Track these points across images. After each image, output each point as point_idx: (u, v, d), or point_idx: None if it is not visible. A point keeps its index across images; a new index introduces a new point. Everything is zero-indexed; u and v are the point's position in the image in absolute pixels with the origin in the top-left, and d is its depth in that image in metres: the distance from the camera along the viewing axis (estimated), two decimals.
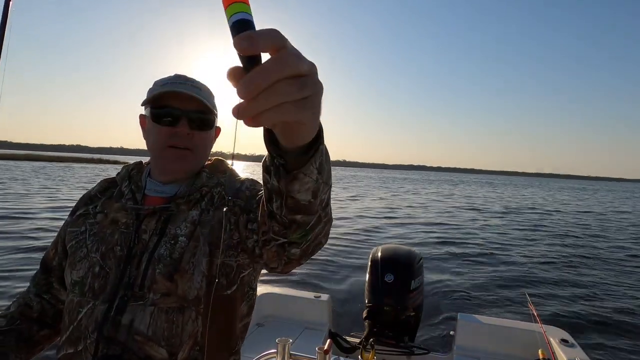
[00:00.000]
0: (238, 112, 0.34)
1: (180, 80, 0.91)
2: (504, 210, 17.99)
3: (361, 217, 13.45)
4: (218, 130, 1.03)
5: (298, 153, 0.52)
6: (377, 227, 11.33)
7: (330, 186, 0.63)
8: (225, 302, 0.87)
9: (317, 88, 0.39)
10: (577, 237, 11.17)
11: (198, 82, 0.94)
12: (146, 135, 0.95)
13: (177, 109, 0.89)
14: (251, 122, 0.35)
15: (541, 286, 6.04)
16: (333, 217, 0.73)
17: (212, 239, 0.87)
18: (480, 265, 7.13)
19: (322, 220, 0.67)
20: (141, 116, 0.97)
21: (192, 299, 0.82)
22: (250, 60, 0.36)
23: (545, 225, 13.42)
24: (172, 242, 0.86)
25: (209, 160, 1.05)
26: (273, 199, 0.61)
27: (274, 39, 0.35)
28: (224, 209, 0.89)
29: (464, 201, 22.80)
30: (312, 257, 0.76)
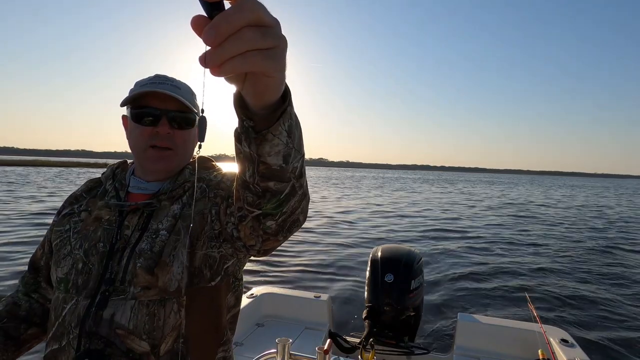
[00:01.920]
0: (205, 60, 0.35)
1: (159, 80, 0.92)
2: (505, 209, 17.98)
3: (361, 216, 13.47)
4: None
5: (266, 114, 0.53)
6: (377, 226, 11.33)
7: (303, 155, 0.64)
8: (209, 293, 0.88)
9: (282, 41, 0.40)
10: (577, 235, 11.16)
11: (178, 81, 0.95)
12: (128, 135, 0.96)
13: (156, 108, 0.90)
14: (217, 70, 0.36)
15: (541, 286, 6.04)
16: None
17: (192, 231, 0.87)
18: (480, 265, 7.13)
19: (297, 192, 0.66)
20: (123, 117, 0.98)
21: (173, 291, 0.83)
22: (213, 7, 0.36)
23: (545, 224, 13.42)
24: (154, 236, 0.86)
25: (193, 157, 1.06)
26: (246, 167, 0.62)
27: None
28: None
29: (465, 200, 22.79)
30: (291, 235, 0.75)
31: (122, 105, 0.94)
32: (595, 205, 23.53)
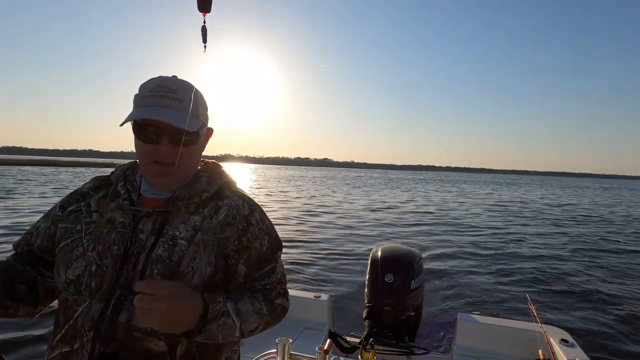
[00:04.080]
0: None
1: (161, 92, 0.87)
2: (506, 209, 17.96)
3: (362, 216, 13.47)
4: (210, 131, 1.01)
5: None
6: (377, 227, 11.33)
7: (258, 328, 0.90)
8: None
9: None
10: (579, 235, 11.16)
11: (182, 90, 0.89)
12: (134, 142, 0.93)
13: (158, 127, 0.86)
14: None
15: (541, 286, 6.03)
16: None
17: (218, 250, 0.89)
18: (480, 265, 7.12)
19: (265, 329, 0.93)
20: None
21: None
22: None
23: (547, 224, 13.41)
24: (171, 243, 0.86)
25: (205, 163, 1.05)
26: None
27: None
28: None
29: (467, 200, 22.77)
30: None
31: (122, 125, 0.89)
32: (598, 205, 23.51)
